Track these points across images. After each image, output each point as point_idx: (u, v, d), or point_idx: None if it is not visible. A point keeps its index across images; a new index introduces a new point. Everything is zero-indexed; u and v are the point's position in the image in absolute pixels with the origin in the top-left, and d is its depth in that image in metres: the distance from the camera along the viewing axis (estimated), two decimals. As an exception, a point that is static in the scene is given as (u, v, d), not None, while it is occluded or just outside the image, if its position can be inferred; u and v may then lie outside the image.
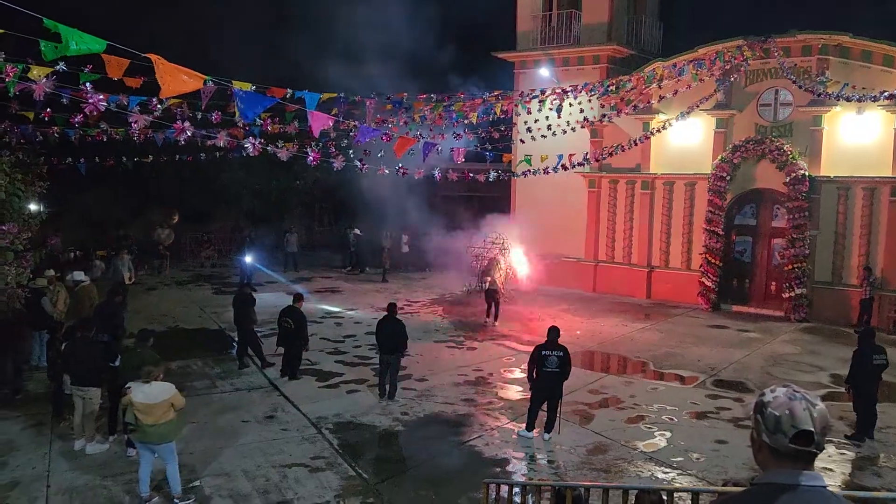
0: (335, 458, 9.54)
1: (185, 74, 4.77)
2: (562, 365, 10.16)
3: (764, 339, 16.92)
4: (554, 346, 10.28)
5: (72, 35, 4.32)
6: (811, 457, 2.18)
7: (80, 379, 9.49)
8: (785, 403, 2.20)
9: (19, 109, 9.15)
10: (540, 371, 10.21)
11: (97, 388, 9.60)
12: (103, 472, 8.91)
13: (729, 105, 20.01)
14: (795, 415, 2.16)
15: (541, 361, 10.19)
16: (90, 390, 9.52)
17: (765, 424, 2.21)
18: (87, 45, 4.36)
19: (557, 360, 10.14)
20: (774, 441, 2.18)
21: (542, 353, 10.24)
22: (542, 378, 10.22)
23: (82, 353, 9.56)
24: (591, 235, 22.94)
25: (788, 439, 2.15)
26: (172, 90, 4.87)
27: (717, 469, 9.30)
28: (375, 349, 12.74)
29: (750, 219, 20.21)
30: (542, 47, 23.58)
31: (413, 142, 7.71)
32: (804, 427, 2.14)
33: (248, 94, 5.61)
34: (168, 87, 4.77)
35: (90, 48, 4.40)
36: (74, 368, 9.52)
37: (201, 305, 19.81)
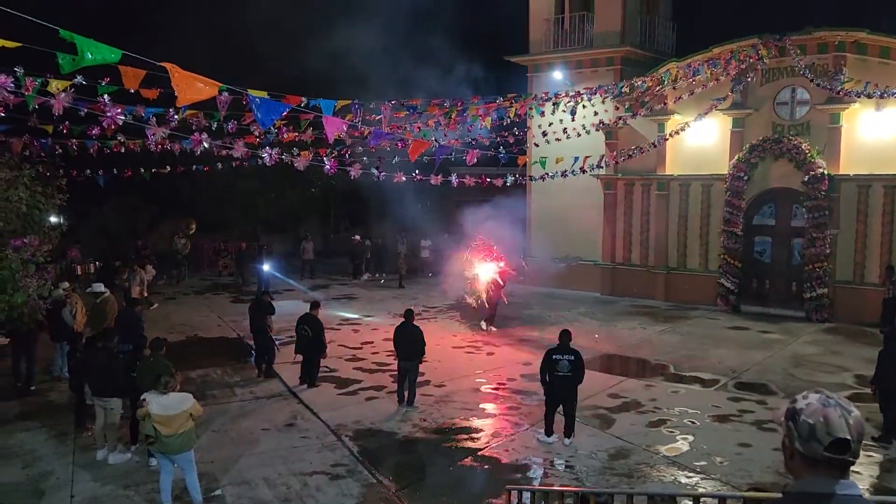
0: (355, 466, 9.52)
1: (200, 82, 4.80)
2: (574, 369, 10.07)
3: (785, 340, 16.72)
4: (565, 349, 10.20)
5: (87, 45, 4.35)
6: (846, 465, 2.12)
7: (101, 389, 9.56)
8: (819, 410, 2.13)
9: (39, 123, 9.27)
10: (552, 375, 10.14)
11: (118, 398, 9.66)
12: (126, 481, 8.95)
13: (745, 104, 19.84)
14: (831, 422, 2.10)
15: (552, 366, 10.13)
16: (111, 401, 9.58)
17: (798, 432, 2.15)
18: (103, 55, 4.40)
19: (569, 363, 10.06)
20: (808, 449, 2.12)
21: (552, 357, 10.18)
22: (553, 382, 10.16)
23: (103, 363, 9.63)
24: (607, 238, 22.82)
25: (823, 448, 2.09)
26: (188, 98, 4.89)
27: (741, 473, 9.17)
28: (393, 355, 12.73)
29: (769, 219, 20.00)
30: (554, 50, 23.55)
31: (427, 145, 7.70)
32: (840, 435, 2.08)
33: (265, 101, 5.63)
34: (184, 95, 4.80)
35: (106, 58, 4.43)
36: (95, 379, 9.59)
37: (219, 314, 19.91)
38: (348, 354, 15.39)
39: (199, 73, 5.20)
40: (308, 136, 11.13)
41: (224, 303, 21.93)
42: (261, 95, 6.25)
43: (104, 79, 7.54)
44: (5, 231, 7.36)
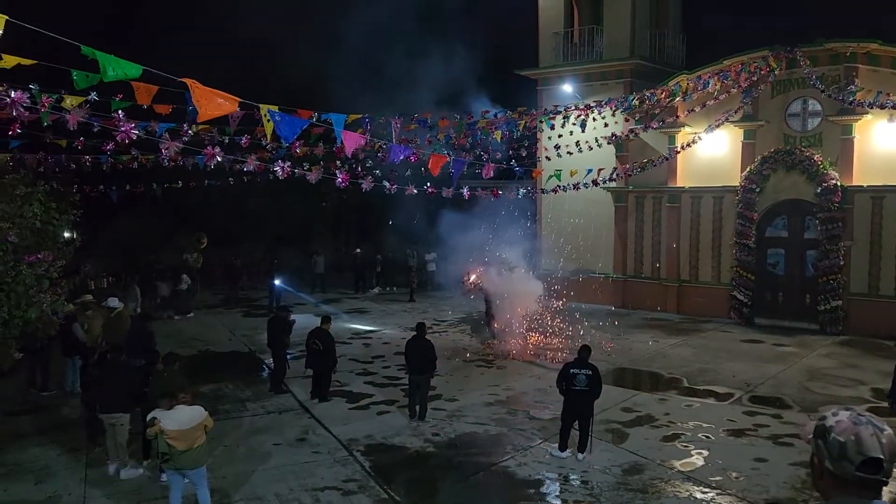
0: (367, 481, 9.46)
1: (220, 97, 4.82)
2: (591, 384, 10.00)
3: (800, 353, 16.54)
4: (583, 364, 10.14)
5: (109, 61, 4.39)
6: (879, 485, 2.05)
7: (107, 405, 9.51)
8: (850, 429, 2.07)
9: (53, 138, 9.36)
10: (569, 390, 10.07)
11: (125, 413, 9.56)
12: (138, 497, 8.92)
13: (756, 116, 19.78)
14: (862, 441, 2.03)
15: (569, 379, 10.06)
16: (118, 416, 9.50)
17: (828, 451, 2.08)
18: (124, 70, 4.43)
19: (586, 378, 10.00)
20: (839, 469, 2.05)
21: (570, 371, 10.11)
22: (570, 396, 10.09)
23: (109, 379, 9.58)
24: (618, 251, 22.74)
25: (855, 467, 2.03)
26: (209, 114, 4.92)
27: (758, 488, 9.04)
28: (404, 369, 12.68)
29: (782, 231, 19.87)
30: (564, 63, 23.61)
31: (445, 159, 7.70)
32: (872, 454, 2.01)
33: (285, 116, 5.66)
34: (204, 111, 4.82)
35: (126, 73, 4.47)
36: (100, 394, 9.54)
37: (231, 329, 19.94)
38: (359, 369, 15.36)
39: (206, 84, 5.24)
40: (319, 150, 11.17)
41: (236, 317, 21.97)
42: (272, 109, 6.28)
43: (117, 95, 7.61)
44: (20, 247, 7.40)
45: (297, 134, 5.81)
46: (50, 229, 8.06)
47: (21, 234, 7.39)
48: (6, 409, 12.36)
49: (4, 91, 4.49)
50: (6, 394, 12.92)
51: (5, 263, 7.25)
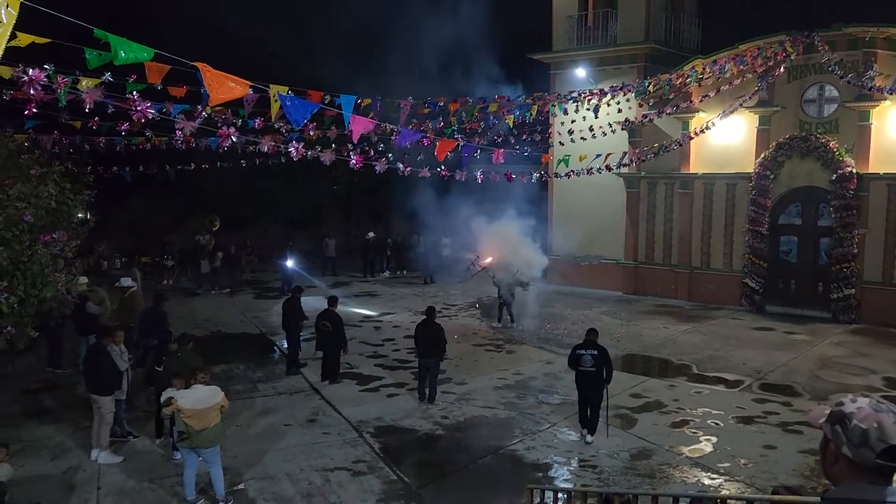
0: (376, 462, 9.55)
1: (231, 81, 4.83)
2: (597, 365, 10.11)
3: (811, 341, 16.48)
4: (590, 345, 10.25)
5: (120, 44, 4.41)
6: (893, 472, 2.05)
7: (91, 386, 9.57)
8: (872, 416, 2.05)
9: (69, 119, 9.41)
10: (577, 371, 10.24)
11: (105, 396, 9.52)
12: (150, 475, 9.06)
13: (772, 102, 19.58)
14: (885, 429, 2.02)
15: (576, 360, 10.19)
16: (99, 399, 9.50)
17: (847, 437, 2.07)
18: (135, 53, 4.45)
19: (592, 359, 10.10)
20: (858, 455, 2.04)
21: (576, 351, 10.27)
22: (580, 378, 10.26)
23: (95, 360, 9.62)
24: (629, 236, 22.66)
25: (875, 454, 2.01)
26: (220, 97, 4.93)
27: (766, 475, 9.06)
28: (414, 353, 12.75)
29: (795, 218, 19.72)
30: (577, 48, 23.41)
31: (454, 144, 7.69)
32: (894, 442, 2.00)
33: (295, 99, 5.66)
34: (216, 94, 4.84)
35: (137, 57, 4.49)
36: (86, 375, 9.61)
37: (242, 310, 20.08)
38: (369, 351, 15.45)
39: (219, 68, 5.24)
40: (332, 133, 11.18)
41: (247, 299, 22.12)
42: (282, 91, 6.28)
43: (131, 76, 7.63)
44: (35, 226, 7.48)
45: (307, 118, 5.81)
46: (65, 209, 8.13)
47: (36, 214, 7.46)
48: (22, 387, 12.56)
49: (21, 70, 4.52)
50: (22, 372, 13.11)
51: (21, 243, 7.32)
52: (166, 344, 10.53)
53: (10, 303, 7.07)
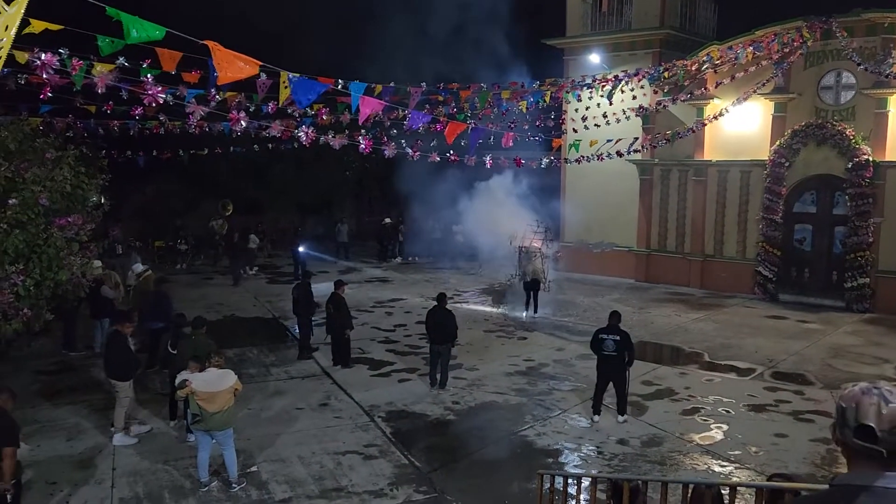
0: (388, 447, 9.62)
1: (241, 61, 4.84)
2: (619, 349, 10.19)
3: (824, 330, 16.38)
4: (613, 329, 10.31)
5: (132, 23, 4.43)
6: (882, 455, 2.06)
7: (107, 371, 9.72)
8: (854, 397, 2.11)
9: (83, 103, 9.45)
10: (599, 355, 10.31)
11: (122, 381, 9.64)
12: (164, 456, 9.17)
13: (787, 89, 19.36)
14: (861, 408, 2.07)
15: (598, 344, 10.25)
16: (116, 383, 9.64)
17: (836, 417, 2.16)
18: (147, 32, 4.46)
19: (614, 343, 10.17)
20: (844, 436, 2.11)
21: (599, 335, 10.32)
22: (601, 362, 10.33)
23: (112, 346, 9.75)
24: (642, 224, 22.55)
25: (853, 433, 2.07)
26: (229, 77, 4.95)
27: (777, 463, 9.04)
28: (426, 338, 12.79)
29: (810, 206, 19.55)
30: (591, 33, 23.22)
31: (463, 127, 7.67)
32: (864, 421, 2.05)
33: (301, 79, 5.66)
34: (225, 73, 4.85)
35: (150, 35, 4.50)
36: (104, 361, 9.72)
37: (255, 294, 20.20)
38: (381, 337, 15.51)
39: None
40: (344, 118, 11.17)
41: (260, 284, 22.23)
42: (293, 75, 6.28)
43: (145, 61, 7.65)
44: (51, 210, 7.55)
45: (312, 99, 5.81)
46: (80, 193, 8.20)
47: (52, 198, 7.53)
48: (38, 369, 12.72)
49: (35, 54, 4.54)
50: (38, 354, 13.27)
51: (37, 226, 7.40)
52: (175, 327, 10.61)
53: (26, 285, 7.16)
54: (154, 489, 8.29)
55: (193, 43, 5.15)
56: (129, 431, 9.67)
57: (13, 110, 9.46)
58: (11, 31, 2.49)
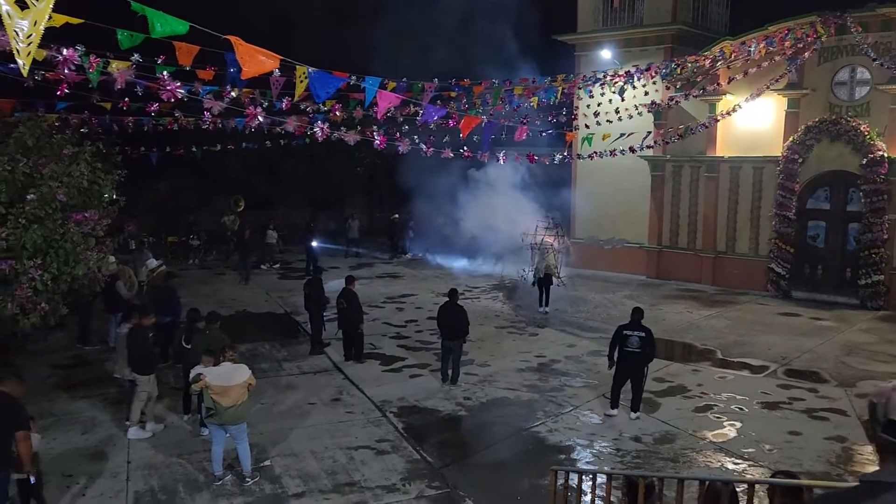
0: (400, 442, 9.65)
1: (262, 55, 4.88)
2: (643, 345, 10.17)
3: (838, 327, 16.29)
4: (637, 326, 10.27)
5: (157, 17, 4.47)
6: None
7: (131, 365, 9.77)
8: (885, 393, 2.12)
9: (99, 100, 9.52)
10: (621, 350, 10.23)
11: (144, 375, 9.71)
12: (179, 450, 9.24)
13: (801, 85, 19.22)
14: (890, 404, 2.08)
15: (622, 341, 10.20)
16: (137, 377, 9.71)
17: (868, 414, 2.17)
18: (171, 26, 4.51)
19: (639, 340, 10.16)
20: (874, 431, 2.12)
21: (623, 332, 10.27)
22: (623, 358, 10.26)
23: (133, 339, 9.79)
24: (654, 220, 22.47)
25: (881, 428, 2.08)
26: (252, 71, 4.98)
27: (790, 461, 9.01)
28: (437, 334, 12.81)
29: (823, 203, 19.42)
30: (603, 29, 23.12)
31: (477, 121, 7.67)
32: (893, 417, 2.05)
33: (320, 73, 5.68)
34: (248, 68, 4.89)
35: (174, 30, 4.55)
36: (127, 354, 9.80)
37: (267, 290, 20.28)
38: (392, 332, 15.54)
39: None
40: (357, 114, 11.19)
41: (271, 279, 22.32)
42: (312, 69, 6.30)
43: (160, 57, 7.70)
44: (68, 205, 7.61)
45: (330, 93, 5.83)
46: (96, 189, 8.27)
47: (69, 193, 7.59)
48: (54, 362, 12.84)
49: (56, 50, 4.58)
50: (53, 347, 13.39)
51: (54, 221, 7.46)
52: (189, 321, 10.68)
53: (43, 280, 7.22)
54: (169, 482, 8.36)
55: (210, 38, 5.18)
56: (145, 426, 9.74)
57: (30, 107, 9.54)
58: (40, 25, 2.51)
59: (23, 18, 2.42)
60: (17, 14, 2.41)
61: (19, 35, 2.44)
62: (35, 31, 2.48)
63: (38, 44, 2.54)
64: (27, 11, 2.43)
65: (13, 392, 6.77)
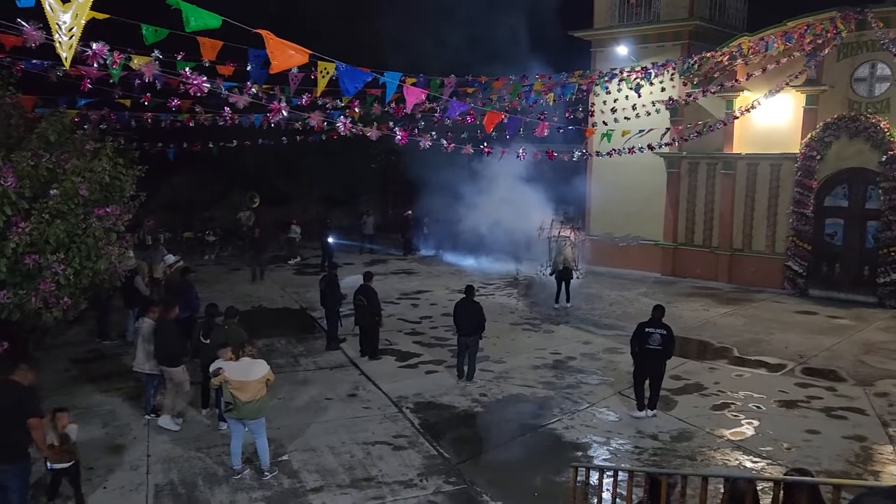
0: (416, 438, 9.68)
1: (291, 49, 4.91)
2: (665, 343, 10.15)
3: (856, 326, 16.14)
4: (658, 323, 10.26)
5: (191, 12, 4.52)
6: None
7: (160, 359, 9.89)
8: None
9: (121, 96, 9.59)
10: (642, 348, 10.20)
11: (174, 367, 9.86)
12: (198, 444, 9.32)
13: (820, 81, 19.04)
14: None
15: (644, 338, 10.18)
16: (168, 370, 9.85)
17: None
18: (205, 20, 4.55)
19: (661, 337, 10.14)
20: None
21: (644, 329, 10.24)
22: (644, 356, 10.23)
23: (160, 333, 9.92)
24: (669, 217, 22.34)
25: None
26: (281, 65, 5.02)
27: (809, 460, 8.95)
28: (452, 331, 12.82)
29: (841, 200, 19.24)
30: (619, 25, 22.98)
31: (500, 116, 7.66)
32: None
33: (349, 68, 5.71)
34: (278, 62, 4.92)
35: (207, 24, 4.60)
36: (156, 348, 9.91)
37: (282, 286, 20.36)
38: (408, 328, 15.57)
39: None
40: (377, 110, 11.21)
41: (287, 275, 22.41)
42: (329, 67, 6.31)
43: (180, 53, 7.73)
44: (90, 200, 7.68)
45: (359, 87, 5.85)
46: (117, 184, 8.34)
47: (91, 188, 7.66)
48: (73, 357, 12.97)
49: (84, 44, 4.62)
50: (72, 342, 13.52)
51: (76, 216, 7.53)
52: (207, 317, 10.76)
53: (66, 274, 7.29)
54: (188, 476, 8.43)
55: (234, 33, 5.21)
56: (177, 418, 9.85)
57: (51, 103, 9.62)
58: (81, 19, 2.54)
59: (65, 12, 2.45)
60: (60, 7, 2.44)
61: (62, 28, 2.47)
62: (76, 25, 2.51)
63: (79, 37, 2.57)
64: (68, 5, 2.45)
65: (24, 381, 6.84)
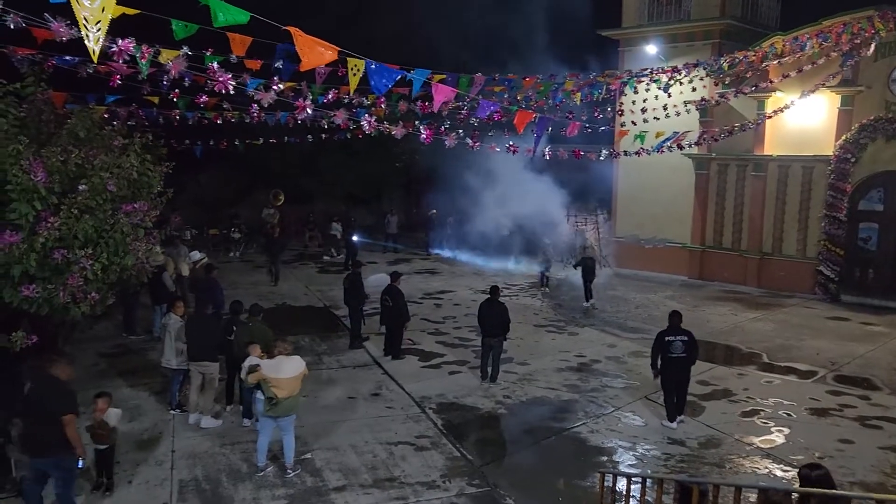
0: (439, 438, 9.60)
1: (321, 47, 4.87)
2: (688, 349, 9.94)
3: (891, 333, 15.73)
4: (677, 330, 10.06)
5: (220, 7, 4.51)
6: None
7: (195, 354, 9.91)
8: None
9: (149, 92, 9.64)
10: (665, 357, 9.98)
11: (213, 362, 9.95)
12: (223, 440, 9.33)
13: (856, 81, 18.60)
14: None
15: (665, 347, 9.96)
16: (206, 365, 9.90)
17: None
18: (233, 16, 4.54)
19: (683, 344, 9.93)
20: None
21: (665, 338, 10.02)
22: (668, 364, 10.00)
23: (196, 329, 9.96)
24: (697, 220, 22.00)
25: None
26: (311, 62, 4.98)
27: (843, 470, 8.71)
28: (475, 331, 12.73)
29: (877, 204, 18.78)
30: (648, 24, 22.67)
31: (531, 115, 7.56)
32: None
33: (379, 65, 5.66)
34: (307, 59, 4.89)
35: (235, 20, 4.59)
36: (190, 344, 9.93)
37: (306, 283, 20.42)
38: (431, 328, 15.50)
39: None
40: (402, 108, 11.15)
41: (310, 273, 22.47)
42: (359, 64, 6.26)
43: (208, 49, 7.73)
44: (118, 196, 7.71)
45: (389, 85, 5.80)
46: (145, 180, 8.37)
47: (119, 184, 7.69)
48: (100, 351, 13.10)
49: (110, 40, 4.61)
50: (99, 337, 13.66)
51: (105, 212, 7.57)
52: (232, 314, 10.79)
53: (94, 270, 7.32)
54: (212, 472, 8.44)
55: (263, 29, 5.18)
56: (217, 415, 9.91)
57: (81, 100, 9.70)
58: (108, 13, 2.50)
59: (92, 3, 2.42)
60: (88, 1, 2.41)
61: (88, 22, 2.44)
62: (103, 19, 2.47)
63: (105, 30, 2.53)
64: (95, -1, 2.44)
65: (62, 375, 6.96)
